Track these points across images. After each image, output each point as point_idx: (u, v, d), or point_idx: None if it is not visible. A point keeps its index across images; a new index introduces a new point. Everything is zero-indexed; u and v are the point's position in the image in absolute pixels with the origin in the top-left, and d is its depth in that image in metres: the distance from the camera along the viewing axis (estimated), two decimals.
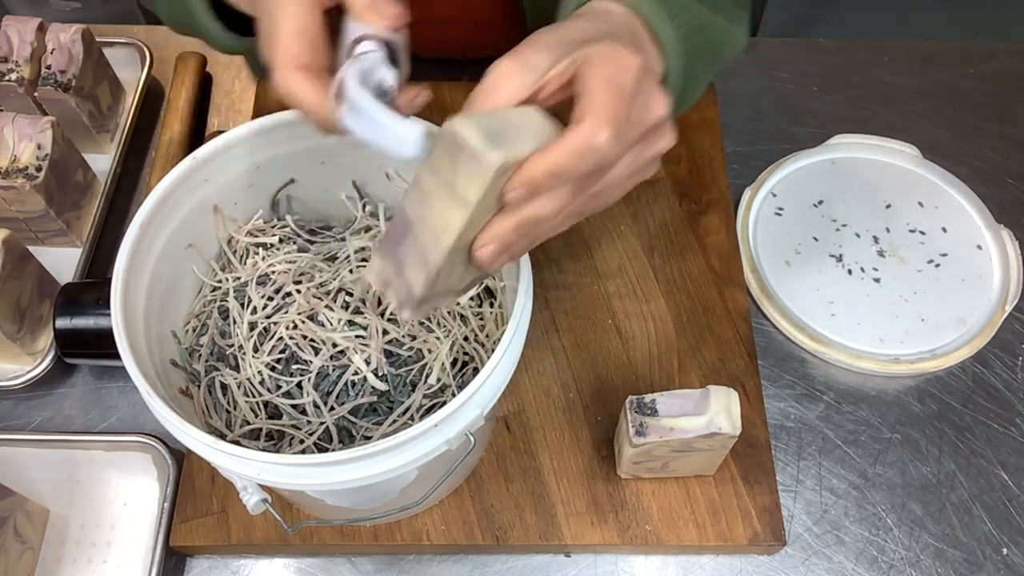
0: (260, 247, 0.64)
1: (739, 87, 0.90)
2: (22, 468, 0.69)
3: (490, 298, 0.63)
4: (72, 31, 0.80)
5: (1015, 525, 0.68)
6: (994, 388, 0.74)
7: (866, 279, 0.78)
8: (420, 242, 0.43)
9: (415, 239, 0.43)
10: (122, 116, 0.87)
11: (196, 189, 0.59)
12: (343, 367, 0.58)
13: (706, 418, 0.59)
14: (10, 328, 0.70)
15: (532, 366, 0.72)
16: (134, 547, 0.67)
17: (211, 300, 0.63)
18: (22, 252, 0.70)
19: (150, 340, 0.56)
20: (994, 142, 0.87)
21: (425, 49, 0.88)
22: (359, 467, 0.49)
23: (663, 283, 0.76)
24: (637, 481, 0.67)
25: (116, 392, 0.74)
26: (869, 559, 0.67)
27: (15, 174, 0.72)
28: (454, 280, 0.46)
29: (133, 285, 0.55)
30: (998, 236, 0.80)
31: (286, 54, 0.45)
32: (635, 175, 0.45)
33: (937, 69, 0.92)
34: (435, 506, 0.67)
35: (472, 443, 0.52)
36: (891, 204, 0.82)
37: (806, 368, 0.75)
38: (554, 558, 0.67)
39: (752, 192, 0.83)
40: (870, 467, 0.70)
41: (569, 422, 0.70)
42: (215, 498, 0.67)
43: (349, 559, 0.67)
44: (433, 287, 0.44)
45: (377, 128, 0.42)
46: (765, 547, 0.66)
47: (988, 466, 0.70)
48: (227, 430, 0.59)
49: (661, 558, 0.67)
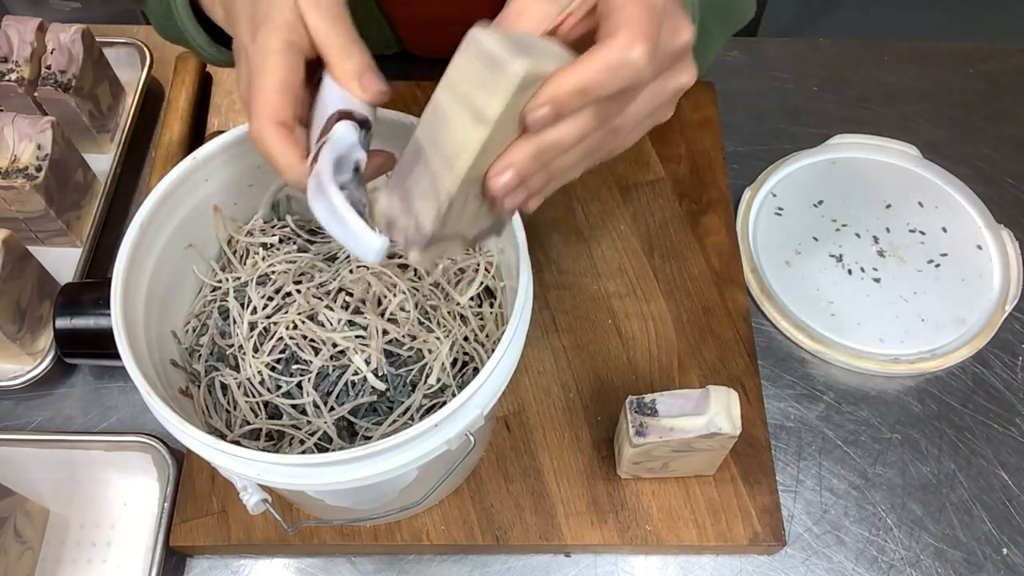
0: (260, 247, 0.64)
1: (739, 87, 0.90)
2: (22, 468, 0.69)
3: (490, 298, 0.63)
4: (72, 31, 0.80)
5: (1015, 525, 0.68)
6: (994, 388, 0.74)
7: (866, 279, 0.78)
8: (432, 169, 0.40)
9: (426, 166, 0.40)
10: (122, 116, 0.87)
11: (196, 189, 0.59)
12: (343, 367, 0.58)
13: (706, 418, 0.59)
14: (10, 328, 0.70)
15: (532, 366, 0.72)
16: (134, 547, 0.67)
17: (211, 300, 0.63)
18: (22, 252, 0.70)
19: (150, 340, 0.56)
20: (994, 142, 0.87)
21: (425, 50, 0.88)
22: (359, 467, 0.49)
23: (663, 283, 0.76)
24: (637, 481, 0.67)
25: (116, 392, 0.74)
26: (869, 559, 0.67)
27: (15, 174, 0.72)
28: (466, 221, 0.43)
29: (133, 285, 0.55)
30: (998, 236, 0.80)
31: (266, 108, 0.44)
32: (655, 112, 0.43)
33: (937, 69, 0.92)
34: (435, 506, 0.67)
35: (472, 443, 0.52)
36: (891, 204, 0.82)
37: (806, 368, 0.75)
38: (554, 558, 0.67)
39: (752, 192, 0.83)
40: (870, 467, 0.70)
41: (569, 422, 0.70)
42: (215, 498, 0.67)
43: (349, 559, 0.67)
44: (444, 223, 0.41)
45: (343, 227, 0.42)
46: (765, 547, 0.66)
47: (988, 466, 0.70)
48: (227, 430, 0.59)
49: (661, 558, 0.67)
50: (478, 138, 0.38)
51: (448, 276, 0.62)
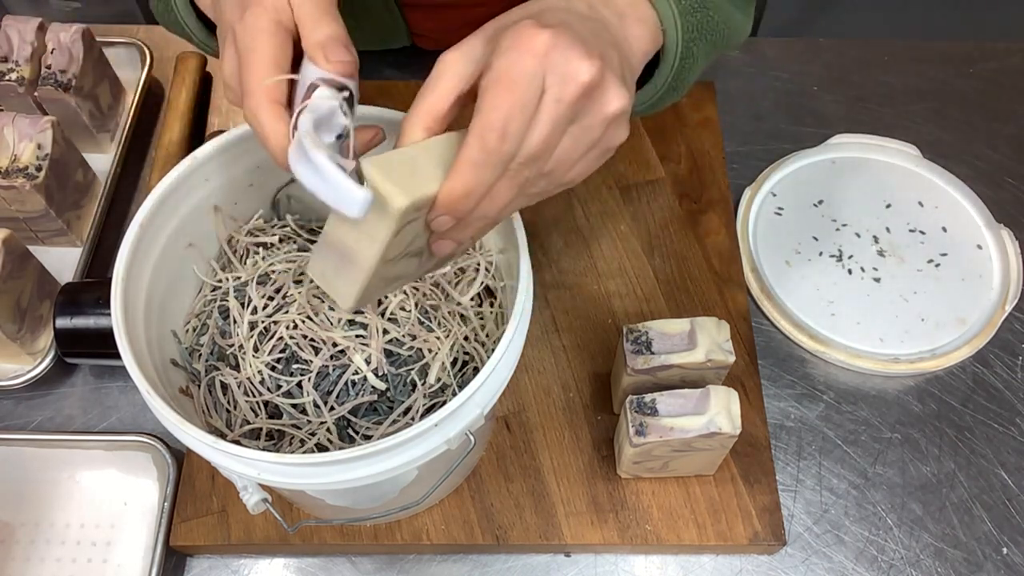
0: (260, 247, 0.64)
1: (739, 87, 0.90)
2: (22, 468, 0.69)
3: (490, 298, 0.63)
4: (72, 31, 0.80)
5: (1015, 525, 0.68)
6: (994, 388, 0.74)
7: (866, 279, 0.78)
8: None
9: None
10: (122, 116, 0.87)
11: (196, 189, 0.59)
12: (343, 366, 0.58)
13: (706, 418, 0.59)
14: (10, 328, 0.70)
15: (532, 366, 0.72)
16: (134, 547, 0.67)
17: (211, 300, 0.63)
18: (22, 252, 0.70)
19: (150, 340, 0.56)
20: (994, 142, 0.87)
21: (433, 40, 0.88)
22: (359, 467, 0.49)
23: (663, 283, 0.76)
24: (637, 481, 0.67)
25: (116, 392, 0.74)
26: (869, 559, 0.67)
27: (15, 174, 0.72)
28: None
29: (133, 285, 0.55)
30: (998, 236, 0.80)
31: (261, 86, 0.44)
32: (594, 145, 0.44)
33: (937, 69, 0.92)
34: (435, 506, 0.67)
35: (472, 443, 0.52)
36: (891, 204, 0.82)
37: (806, 368, 0.75)
38: (554, 558, 0.67)
39: (752, 192, 0.83)
40: (870, 467, 0.70)
41: (569, 422, 0.70)
42: (215, 498, 0.67)
43: (349, 559, 0.67)
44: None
45: (325, 182, 0.42)
46: (765, 547, 0.66)
47: (988, 466, 0.70)
48: (227, 430, 0.59)
49: (661, 558, 0.67)
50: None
51: (448, 276, 0.63)
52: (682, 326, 0.63)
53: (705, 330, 0.62)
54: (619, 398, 0.67)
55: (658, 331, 0.63)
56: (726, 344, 0.62)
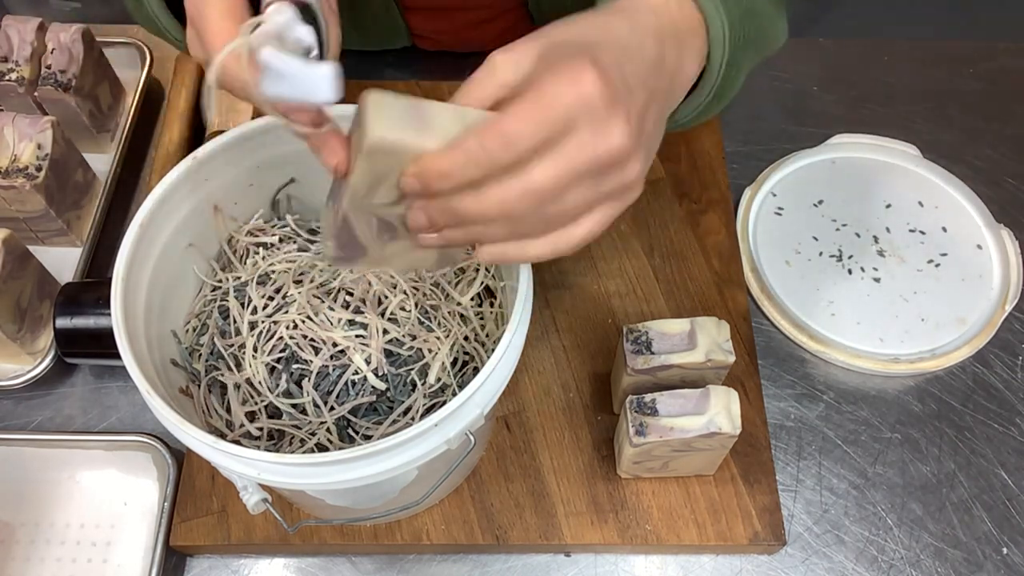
0: (260, 247, 0.64)
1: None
2: (22, 468, 0.69)
3: (490, 298, 0.63)
4: (72, 31, 0.80)
5: (1015, 525, 0.68)
6: (994, 388, 0.74)
7: (866, 279, 0.78)
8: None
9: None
10: (122, 116, 0.87)
11: (196, 189, 0.59)
12: (343, 366, 0.58)
13: (706, 418, 0.59)
14: (10, 328, 0.70)
15: (532, 366, 0.72)
16: (134, 547, 0.67)
17: (211, 300, 0.63)
18: (22, 252, 0.70)
19: (150, 340, 0.56)
20: (994, 142, 0.87)
21: (432, 40, 0.88)
22: (359, 467, 0.49)
23: (663, 283, 0.76)
24: (637, 481, 0.67)
25: (116, 392, 0.74)
26: (869, 559, 0.67)
27: (15, 174, 0.72)
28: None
29: (133, 285, 0.55)
30: (998, 236, 0.80)
31: (221, 35, 0.43)
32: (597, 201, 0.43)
33: (937, 69, 0.92)
34: (435, 506, 0.67)
35: (472, 443, 0.52)
36: (891, 204, 0.82)
37: (806, 368, 0.75)
38: (554, 558, 0.67)
39: (752, 192, 0.83)
40: (870, 467, 0.70)
41: (569, 422, 0.70)
42: (215, 498, 0.67)
43: (349, 559, 0.67)
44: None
45: (290, 77, 0.40)
46: (765, 547, 0.66)
47: (988, 466, 0.70)
48: (227, 430, 0.59)
49: (661, 558, 0.67)
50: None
51: (448, 276, 0.63)
52: (682, 326, 0.63)
53: (705, 330, 0.62)
54: (619, 398, 0.67)
55: (658, 331, 0.63)
56: (726, 344, 0.62)
